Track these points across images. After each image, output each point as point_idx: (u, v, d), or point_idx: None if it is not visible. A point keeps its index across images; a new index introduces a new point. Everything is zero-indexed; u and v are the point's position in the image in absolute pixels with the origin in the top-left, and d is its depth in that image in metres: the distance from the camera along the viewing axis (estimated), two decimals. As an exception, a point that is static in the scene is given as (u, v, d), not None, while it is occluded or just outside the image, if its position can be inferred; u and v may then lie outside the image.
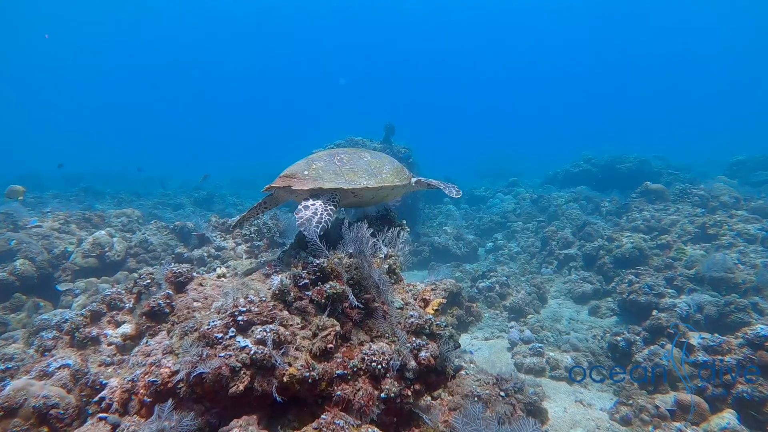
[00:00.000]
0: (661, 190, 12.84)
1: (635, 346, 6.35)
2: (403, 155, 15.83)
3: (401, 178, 3.61)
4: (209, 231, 7.51)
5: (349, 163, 3.40)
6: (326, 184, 3.19)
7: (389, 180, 3.42)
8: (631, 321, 8.23)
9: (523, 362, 6.45)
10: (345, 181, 3.24)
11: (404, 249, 3.88)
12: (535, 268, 11.41)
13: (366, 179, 3.30)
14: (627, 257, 9.80)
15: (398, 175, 3.59)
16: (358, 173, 3.31)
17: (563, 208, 14.40)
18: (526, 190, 18.39)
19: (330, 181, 3.21)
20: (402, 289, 3.77)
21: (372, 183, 3.30)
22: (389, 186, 3.41)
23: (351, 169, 3.34)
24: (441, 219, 17.49)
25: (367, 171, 3.37)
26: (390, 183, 3.40)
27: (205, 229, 7.60)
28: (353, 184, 3.25)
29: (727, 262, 8.50)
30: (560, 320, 8.58)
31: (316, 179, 3.22)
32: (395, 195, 3.89)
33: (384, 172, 3.46)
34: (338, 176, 3.26)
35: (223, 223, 7.88)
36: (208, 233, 7.44)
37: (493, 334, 7.93)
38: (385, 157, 3.75)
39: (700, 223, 10.35)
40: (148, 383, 2.75)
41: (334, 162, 3.37)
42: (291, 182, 3.25)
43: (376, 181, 3.34)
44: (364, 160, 3.47)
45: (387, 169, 3.54)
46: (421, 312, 3.29)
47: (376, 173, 3.39)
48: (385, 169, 3.50)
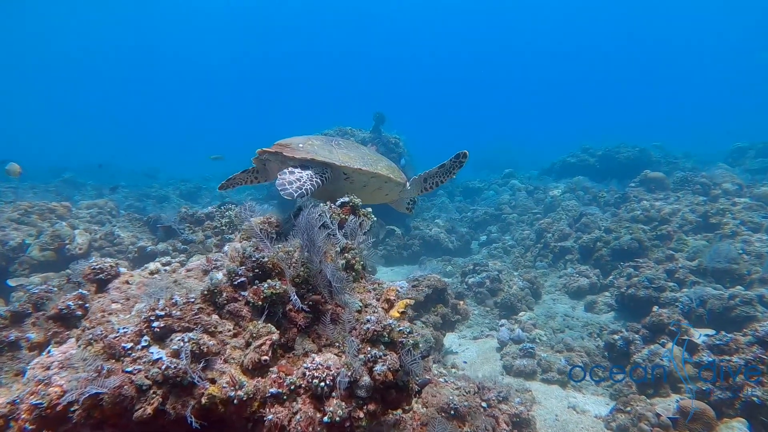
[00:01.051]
0: (661, 178, 12.32)
1: (634, 345, 5.86)
2: (393, 144, 15.30)
3: (396, 175, 3.63)
4: (176, 223, 6.94)
5: (346, 148, 3.45)
6: (318, 157, 3.17)
7: (384, 171, 3.45)
8: (629, 317, 7.75)
9: (513, 364, 5.95)
10: (338, 159, 3.25)
11: (367, 241, 3.36)
12: (530, 261, 10.90)
13: (360, 164, 3.33)
14: (625, 249, 9.31)
15: (393, 172, 3.62)
16: (353, 157, 3.35)
17: (559, 200, 13.87)
18: (522, 182, 17.84)
19: (323, 156, 3.21)
20: (363, 288, 3.24)
21: (365, 168, 3.32)
22: (382, 176, 3.43)
23: (346, 153, 3.37)
24: (434, 212, 16.98)
25: (362, 159, 3.41)
26: (384, 173, 3.43)
27: (173, 221, 7.03)
28: (345, 164, 3.25)
29: (731, 252, 8.01)
30: (554, 317, 8.08)
31: (309, 151, 3.21)
32: (389, 195, 3.88)
33: (380, 165, 3.49)
34: (332, 155, 3.27)
35: (192, 214, 7.32)
36: (175, 225, 6.88)
37: (482, 333, 7.44)
38: (383, 158, 3.78)
39: (702, 212, 9.85)
40: (32, 406, 2.21)
41: (331, 144, 3.42)
42: (283, 149, 3.22)
43: (371, 168, 3.36)
44: (361, 150, 3.54)
45: (383, 164, 3.57)
46: (380, 316, 2.77)
47: (371, 163, 3.43)
48: (381, 164, 3.54)
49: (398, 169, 3.85)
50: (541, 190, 15.49)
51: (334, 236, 3.16)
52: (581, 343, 6.77)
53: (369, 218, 3.56)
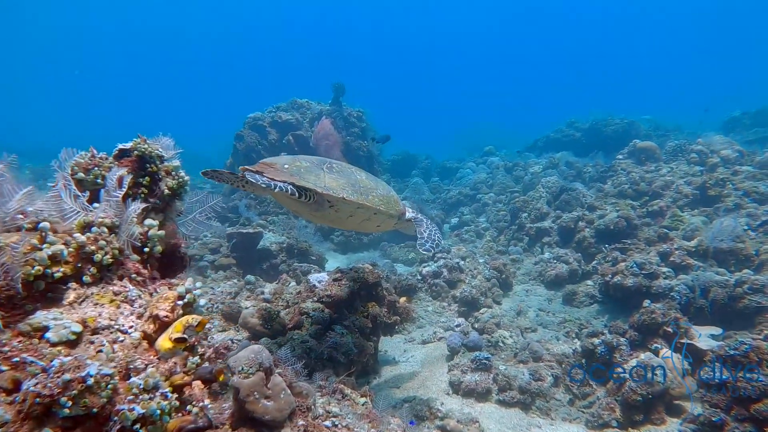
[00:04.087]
0: (652, 148, 10.91)
1: (619, 352, 4.46)
2: (355, 118, 13.71)
3: (388, 207, 3.44)
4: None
5: (337, 173, 3.22)
6: (299, 182, 2.98)
7: (373, 203, 3.27)
8: (615, 311, 6.38)
9: (461, 380, 4.53)
10: (322, 185, 3.03)
11: (131, 219, 1.88)
12: (503, 246, 9.49)
13: (347, 192, 3.11)
14: (612, 229, 7.91)
15: (386, 203, 3.42)
16: (341, 184, 3.13)
17: (540, 176, 12.40)
18: (502, 159, 16.36)
19: (307, 180, 3.01)
20: (108, 297, 1.75)
21: (352, 197, 3.12)
22: (370, 208, 3.26)
23: (335, 179, 3.15)
24: (407, 193, 15.49)
25: (353, 186, 3.19)
26: (372, 205, 3.25)
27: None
28: (329, 191, 3.04)
29: (736, 228, 6.64)
30: (526, 312, 6.69)
31: (293, 174, 3.01)
32: (381, 226, 3.72)
33: (372, 195, 3.29)
34: (318, 179, 3.06)
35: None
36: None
37: (435, 335, 6.03)
38: (383, 185, 3.59)
39: (699, 184, 8.45)
40: None
41: (322, 167, 3.19)
42: (266, 170, 3.03)
43: (357, 198, 3.15)
44: (356, 177, 3.32)
45: (377, 193, 3.37)
46: (74, 360, 1.27)
47: (362, 192, 3.22)
48: (374, 192, 3.34)
49: (395, 199, 3.62)
50: (521, 167, 14.01)
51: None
52: (557, 347, 5.38)
53: (174, 178, 2.15)
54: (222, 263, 8.01)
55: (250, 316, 4.74)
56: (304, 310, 4.76)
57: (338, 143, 12.12)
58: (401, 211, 3.71)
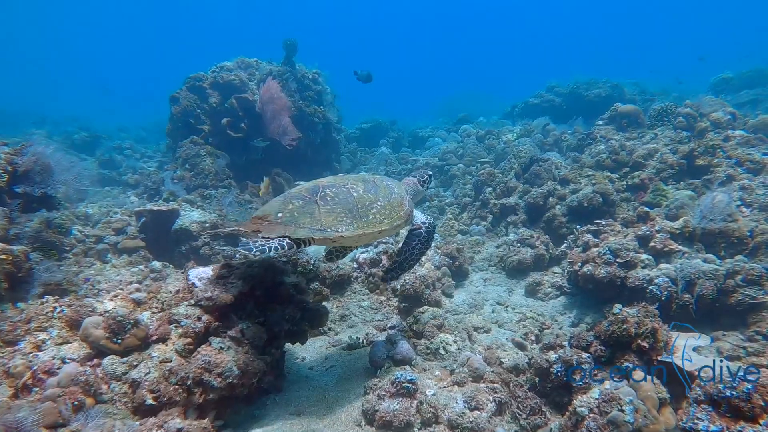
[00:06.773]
0: (635, 112, 9.73)
1: (579, 374, 3.41)
2: (310, 80, 12.16)
3: (392, 219, 3.25)
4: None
5: (332, 201, 3.09)
6: (298, 232, 2.94)
7: (374, 224, 3.13)
8: (585, 305, 5.37)
9: (377, 408, 3.44)
10: (319, 228, 2.98)
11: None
12: (466, 224, 8.36)
13: (345, 224, 3.04)
14: (586, 206, 6.84)
15: (389, 215, 3.24)
16: (339, 216, 3.04)
17: (514, 145, 11.18)
18: (475, 127, 15.04)
19: (302, 227, 2.96)
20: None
21: (349, 231, 3.04)
22: (372, 233, 3.14)
23: (331, 211, 3.04)
24: (372, 164, 14.22)
25: (351, 212, 3.08)
26: (373, 229, 3.12)
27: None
28: (327, 233, 2.98)
29: (729, 205, 5.59)
30: (481, 307, 5.64)
31: (288, 224, 2.96)
32: (387, 231, 3.37)
33: (372, 212, 3.15)
34: (314, 220, 3.00)
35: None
36: None
37: (367, 337, 4.92)
38: (384, 189, 3.34)
39: (687, 152, 7.35)
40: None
41: (316, 200, 3.07)
42: (261, 227, 2.97)
43: (358, 227, 3.07)
44: (353, 195, 3.16)
45: (378, 206, 3.20)
46: None
47: (361, 214, 3.11)
48: (375, 207, 3.18)
49: (399, 202, 3.36)
50: (494, 135, 12.75)
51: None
52: (509, 356, 4.35)
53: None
54: (127, 246, 6.71)
55: (94, 326, 3.52)
56: (174, 317, 3.58)
57: (287, 108, 10.61)
58: (407, 214, 3.42)
